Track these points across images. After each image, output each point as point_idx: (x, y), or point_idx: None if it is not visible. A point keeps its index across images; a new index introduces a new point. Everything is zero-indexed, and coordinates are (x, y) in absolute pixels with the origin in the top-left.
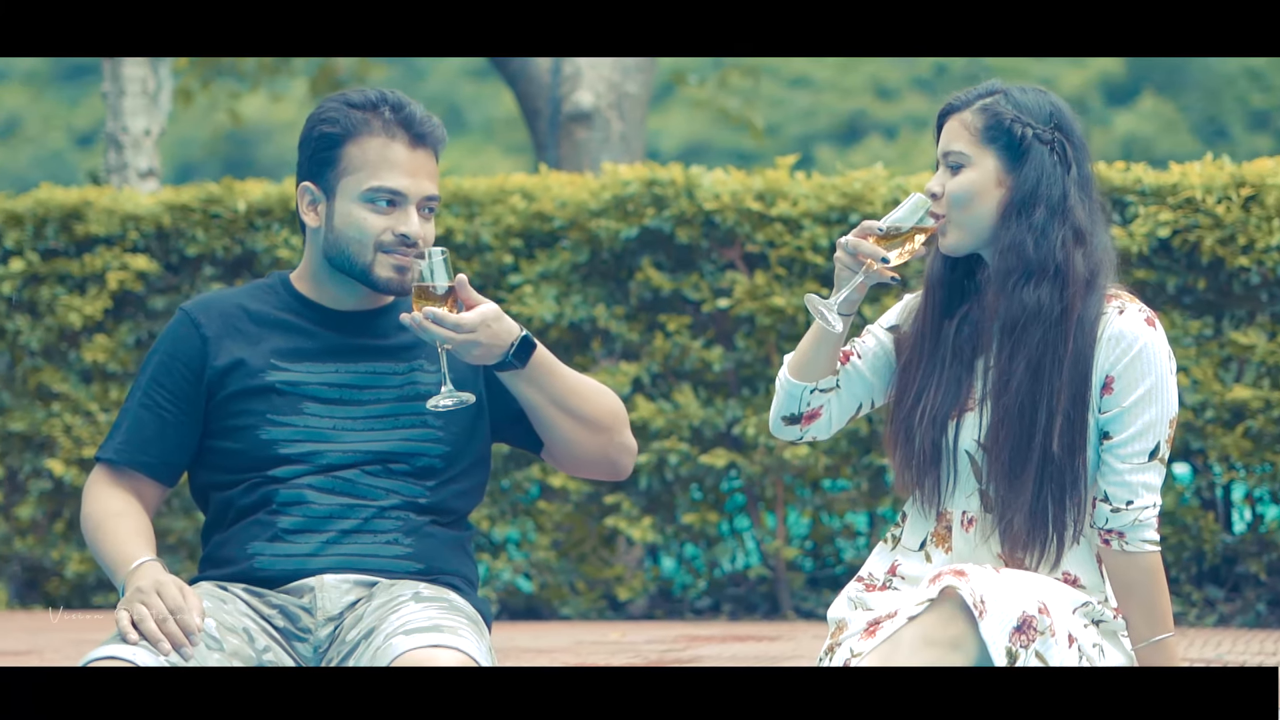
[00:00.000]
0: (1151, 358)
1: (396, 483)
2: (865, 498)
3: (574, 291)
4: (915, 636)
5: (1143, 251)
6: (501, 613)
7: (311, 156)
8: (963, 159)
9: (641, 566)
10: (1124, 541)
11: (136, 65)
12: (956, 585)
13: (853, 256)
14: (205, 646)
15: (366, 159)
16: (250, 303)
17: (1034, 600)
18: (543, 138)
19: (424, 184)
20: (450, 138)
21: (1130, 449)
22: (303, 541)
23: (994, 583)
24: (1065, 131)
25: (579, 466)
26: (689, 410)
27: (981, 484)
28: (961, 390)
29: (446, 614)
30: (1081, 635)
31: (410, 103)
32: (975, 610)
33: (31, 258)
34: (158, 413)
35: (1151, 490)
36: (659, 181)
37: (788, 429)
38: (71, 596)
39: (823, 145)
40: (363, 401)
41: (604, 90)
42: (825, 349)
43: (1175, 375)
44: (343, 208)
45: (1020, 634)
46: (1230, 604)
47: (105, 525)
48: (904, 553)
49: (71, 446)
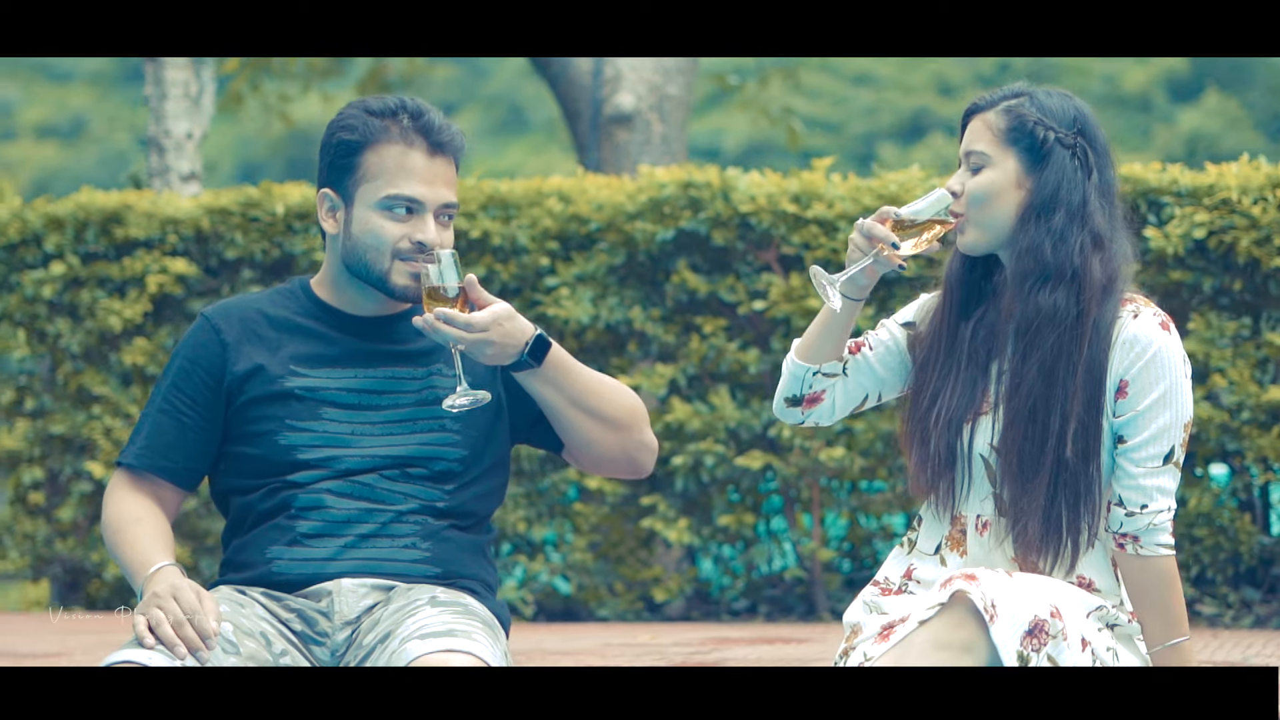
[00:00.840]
0: (1166, 362)
1: (415, 487)
2: (902, 499)
3: (610, 294)
4: (926, 640)
5: (1178, 252)
6: (539, 614)
7: (331, 163)
8: (984, 159)
9: (680, 568)
10: (1139, 545)
11: (178, 69)
12: (967, 589)
13: (866, 239)
14: (221, 650)
15: (384, 166)
16: (270, 308)
17: (1046, 604)
18: (584, 140)
19: (441, 191)
20: (512, 137)
21: (1145, 453)
22: (321, 546)
23: (1006, 587)
24: (1088, 137)
25: (600, 466)
26: (725, 412)
27: (996, 488)
28: (976, 393)
29: (461, 618)
30: (1095, 639)
31: (429, 110)
32: (986, 614)
33: (72, 261)
34: (178, 418)
35: (1166, 494)
36: (695, 184)
37: (789, 411)
38: (112, 598)
39: (885, 143)
40: (381, 407)
41: (645, 92)
42: (831, 332)
43: (1190, 379)
44: (361, 215)
45: (1032, 637)
46: (1267, 605)
47: (125, 530)
48: (920, 556)
49: (112, 449)
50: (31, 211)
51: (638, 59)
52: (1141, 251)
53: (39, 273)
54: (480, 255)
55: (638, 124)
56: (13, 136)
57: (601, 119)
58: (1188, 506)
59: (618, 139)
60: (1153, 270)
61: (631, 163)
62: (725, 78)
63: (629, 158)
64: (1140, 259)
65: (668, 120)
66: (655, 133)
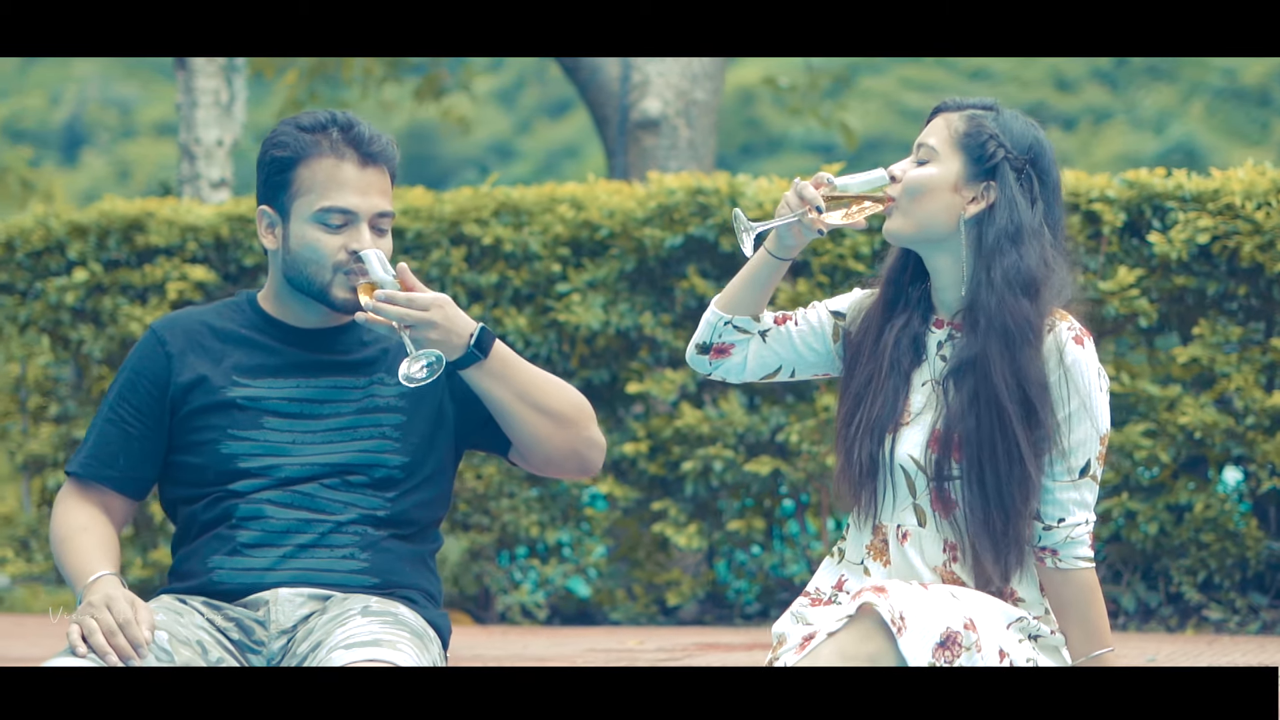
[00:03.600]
0: (1080, 375)
1: (355, 495)
2: None
3: (621, 300)
4: (832, 652)
5: (1182, 258)
6: (553, 617)
7: (266, 180)
8: (932, 154)
9: (698, 571)
10: (1057, 559)
11: (209, 77)
12: (874, 601)
13: (798, 199)
14: (155, 659)
15: (317, 180)
16: (216, 320)
17: (960, 616)
18: (612, 145)
19: (375, 200)
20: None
21: (1061, 466)
22: (260, 556)
23: (916, 599)
24: (1039, 168)
25: (549, 464)
26: (734, 418)
27: (915, 498)
28: (899, 403)
29: (389, 628)
30: (1015, 650)
31: (359, 123)
32: (893, 627)
33: (95, 268)
34: (122, 428)
35: (1083, 507)
36: (704, 190)
37: (699, 359)
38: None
39: None
40: (323, 415)
41: (672, 98)
42: (750, 285)
43: (1106, 393)
44: (297, 229)
45: (944, 649)
46: (1274, 611)
47: (69, 540)
48: (849, 566)
49: None
50: (55, 219)
51: (665, 65)
52: (1146, 257)
53: (62, 280)
54: (493, 262)
55: (664, 129)
56: (133, 134)
57: (629, 124)
58: (1194, 511)
59: (644, 144)
60: (1158, 275)
61: (659, 168)
62: (775, 80)
63: (656, 163)
64: (1146, 264)
65: (694, 125)
66: (682, 138)
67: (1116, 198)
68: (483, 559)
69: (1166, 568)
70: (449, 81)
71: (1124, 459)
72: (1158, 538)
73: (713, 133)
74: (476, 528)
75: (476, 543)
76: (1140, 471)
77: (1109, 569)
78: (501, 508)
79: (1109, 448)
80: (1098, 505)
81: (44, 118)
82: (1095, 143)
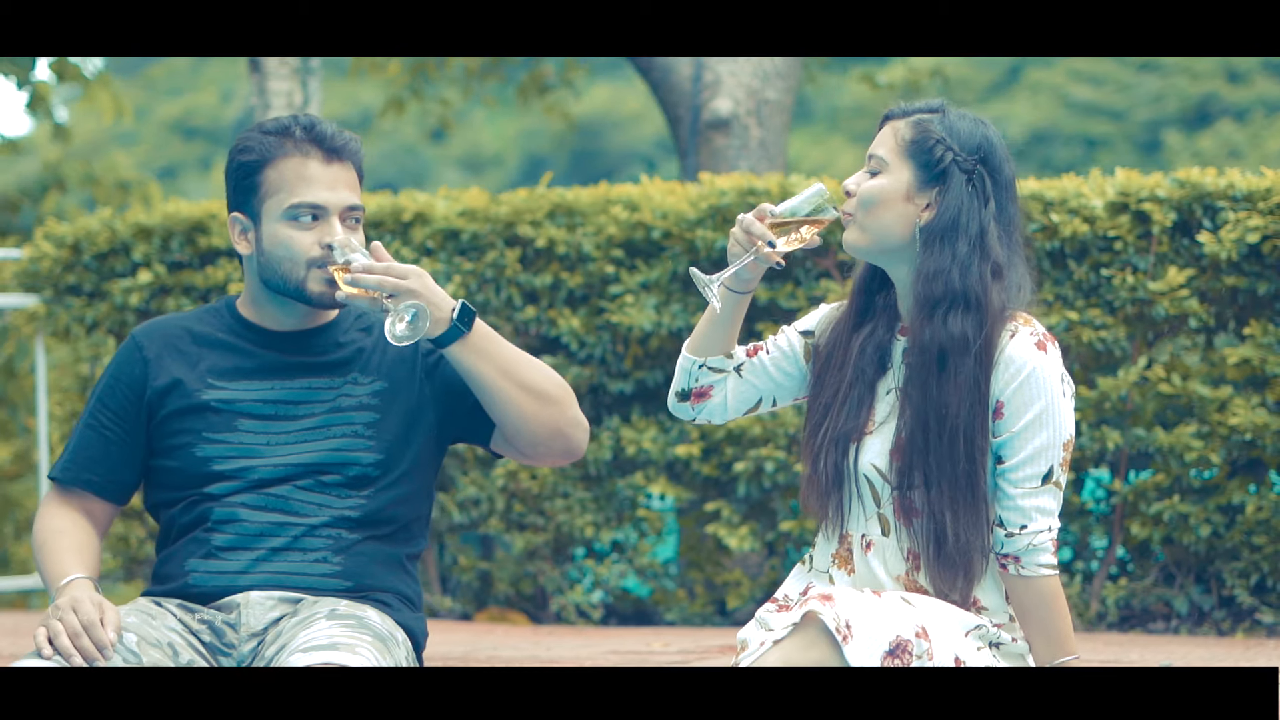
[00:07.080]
0: (1041, 381)
1: (329, 497)
2: None
3: (674, 301)
4: (777, 660)
5: (1232, 257)
6: (609, 617)
7: (235, 187)
8: (882, 165)
9: (760, 571)
10: (1020, 566)
11: (281, 80)
12: (819, 610)
13: (746, 235)
14: (121, 660)
15: (284, 179)
16: (196, 325)
17: (912, 624)
18: (685, 145)
19: (343, 194)
20: (795, 127)
21: (1022, 473)
22: (234, 559)
23: (865, 607)
24: (990, 166)
25: (535, 446)
26: (785, 418)
27: (880, 508)
28: (863, 412)
29: (351, 632)
30: (973, 658)
31: (321, 121)
32: (839, 635)
33: (159, 269)
34: (101, 433)
35: (1046, 514)
36: (754, 191)
37: (681, 406)
38: None
39: (1171, 130)
40: (296, 416)
41: (743, 97)
42: (717, 326)
43: (1070, 399)
44: (269, 230)
45: (893, 657)
46: None
47: (46, 543)
48: (816, 575)
49: None
50: (121, 222)
51: (736, 64)
52: (1196, 257)
53: (127, 281)
54: (547, 263)
55: (735, 129)
56: None
57: (700, 124)
58: (1246, 513)
59: (715, 144)
60: (1207, 275)
61: (729, 168)
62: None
63: (726, 163)
64: (1196, 264)
65: (766, 125)
66: (753, 138)
67: (1167, 197)
68: (538, 559)
69: (1219, 571)
70: (552, 78)
71: (1175, 461)
72: (1210, 540)
73: (785, 132)
74: (532, 528)
75: (531, 543)
76: (1192, 474)
77: (1162, 571)
78: (556, 508)
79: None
80: (1152, 508)
81: (215, 114)
82: (1268, 134)
